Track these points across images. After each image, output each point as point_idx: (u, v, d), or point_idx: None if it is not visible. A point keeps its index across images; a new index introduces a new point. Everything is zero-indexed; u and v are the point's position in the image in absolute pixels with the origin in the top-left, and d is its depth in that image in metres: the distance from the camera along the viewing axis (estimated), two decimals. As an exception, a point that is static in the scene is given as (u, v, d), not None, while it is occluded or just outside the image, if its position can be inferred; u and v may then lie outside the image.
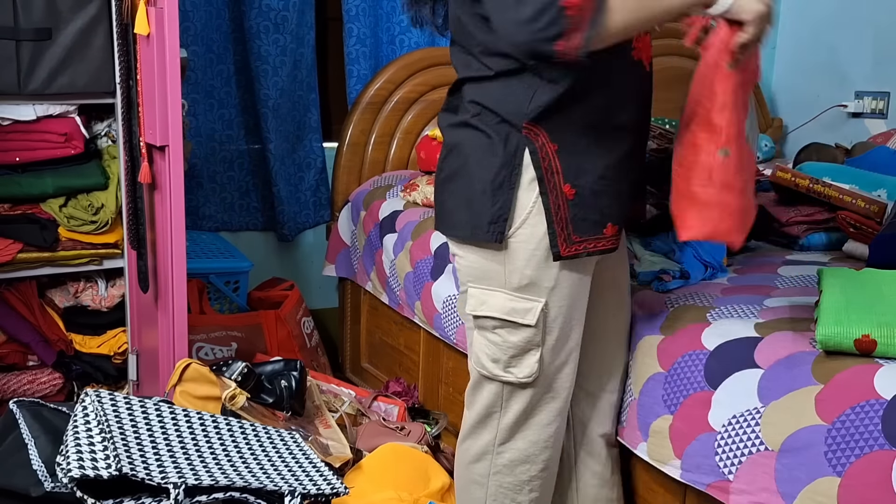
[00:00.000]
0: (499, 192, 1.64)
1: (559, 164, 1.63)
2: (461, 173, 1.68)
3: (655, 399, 1.85)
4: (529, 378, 1.73)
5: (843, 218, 2.41)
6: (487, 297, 1.71)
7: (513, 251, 1.67)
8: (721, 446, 1.69)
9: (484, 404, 1.80)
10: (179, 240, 2.25)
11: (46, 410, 1.87)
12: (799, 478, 1.56)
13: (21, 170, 2.44)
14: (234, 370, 2.15)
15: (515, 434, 1.80)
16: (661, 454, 1.82)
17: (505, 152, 1.63)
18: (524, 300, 1.68)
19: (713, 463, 1.70)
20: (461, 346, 2.52)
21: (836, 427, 1.53)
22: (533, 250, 1.66)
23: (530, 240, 1.66)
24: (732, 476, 1.66)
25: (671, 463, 1.80)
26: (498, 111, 1.64)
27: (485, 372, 1.77)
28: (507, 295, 1.69)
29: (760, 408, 1.64)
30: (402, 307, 2.86)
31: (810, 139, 3.72)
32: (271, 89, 3.21)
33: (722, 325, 1.82)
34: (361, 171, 3.34)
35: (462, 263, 1.76)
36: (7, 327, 2.53)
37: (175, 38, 2.14)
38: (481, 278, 1.72)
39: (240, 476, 1.67)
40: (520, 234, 1.66)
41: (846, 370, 1.58)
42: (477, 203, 1.66)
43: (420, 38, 3.48)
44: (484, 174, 1.65)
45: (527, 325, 1.69)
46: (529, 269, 1.67)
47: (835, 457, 1.52)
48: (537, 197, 1.64)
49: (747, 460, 1.64)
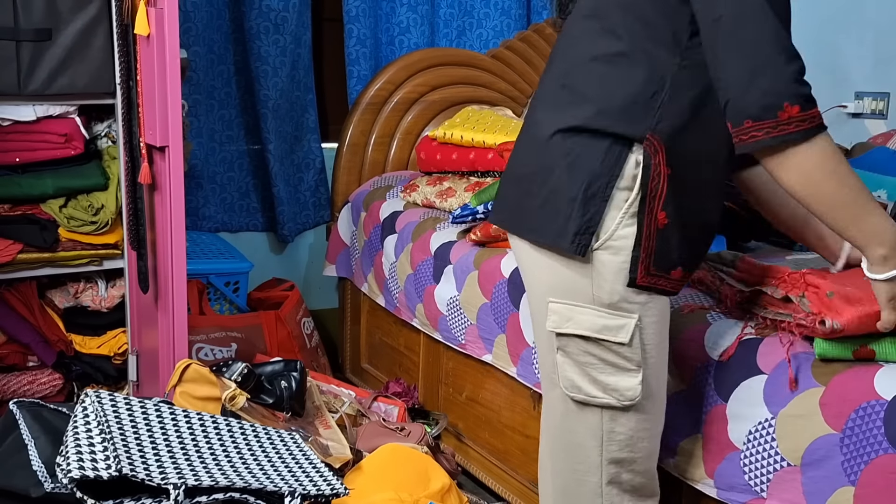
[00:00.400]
0: (591, 202, 1.47)
1: (665, 188, 1.47)
2: (551, 172, 1.52)
3: (681, 417, 1.81)
4: (633, 401, 1.55)
5: (843, 218, 2.40)
6: (573, 314, 1.54)
7: (600, 264, 1.50)
8: (747, 465, 1.68)
9: (584, 436, 1.60)
10: (179, 240, 2.25)
11: (46, 411, 1.87)
12: (823, 490, 1.55)
13: (21, 170, 2.44)
14: (234, 371, 2.15)
15: (624, 468, 1.60)
16: (692, 472, 1.77)
17: (606, 158, 1.47)
18: (615, 317, 1.52)
19: (744, 482, 1.68)
20: (469, 350, 2.52)
21: (846, 434, 1.53)
22: (622, 262, 1.49)
23: (619, 252, 1.49)
24: (766, 493, 1.65)
25: (704, 481, 1.76)
26: (616, 114, 1.48)
27: (579, 396, 1.57)
28: (597, 311, 1.52)
29: (771, 419, 1.64)
30: (399, 310, 2.86)
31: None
32: (271, 90, 3.21)
33: (722, 326, 1.82)
34: (361, 171, 3.34)
35: (536, 273, 1.60)
36: (7, 328, 2.53)
37: (175, 38, 2.14)
38: (564, 292, 1.55)
39: (240, 477, 1.66)
40: (610, 245, 1.49)
41: (846, 371, 1.58)
42: (565, 208, 1.50)
43: (420, 39, 3.49)
44: (578, 177, 1.48)
45: (620, 343, 1.52)
46: (619, 284, 1.50)
47: (849, 465, 1.52)
48: (633, 215, 1.48)
49: (775, 477, 1.63)
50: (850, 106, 3.69)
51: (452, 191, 2.81)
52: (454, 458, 2.53)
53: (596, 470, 1.59)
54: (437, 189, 2.87)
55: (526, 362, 2.30)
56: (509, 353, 2.36)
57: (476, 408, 2.59)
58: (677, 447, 1.82)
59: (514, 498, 2.44)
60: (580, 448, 1.60)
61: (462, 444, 2.64)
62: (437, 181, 2.91)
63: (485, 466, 2.55)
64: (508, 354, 2.36)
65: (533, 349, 2.28)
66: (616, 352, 1.53)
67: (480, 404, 2.56)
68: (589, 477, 1.60)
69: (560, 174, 1.50)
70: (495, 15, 3.64)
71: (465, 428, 2.65)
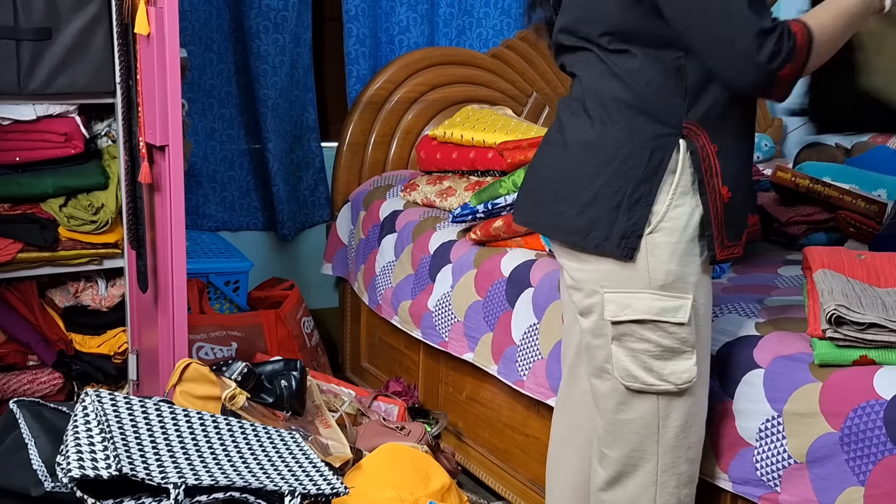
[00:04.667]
0: (636, 207, 1.53)
1: (718, 164, 1.55)
2: (593, 177, 1.56)
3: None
4: (690, 383, 1.58)
5: (843, 218, 2.41)
6: (631, 301, 1.57)
7: (654, 247, 1.55)
8: (759, 460, 1.69)
9: (639, 424, 1.62)
10: (179, 240, 2.25)
11: (46, 410, 1.87)
12: (832, 487, 1.56)
13: (21, 170, 2.44)
14: (234, 370, 2.15)
15: (679, 454, 1.63)
16: (707, 468, 1.77)
17: (652, 157, 1.53)
18: (672, 298, 1.56)
19: (757, 477, 1.70)
20: (450, 348, 2.55)
21: (845, 434, 1.54)
22: (675, 244, 1.55)
23: (672, 233, 1.54)
24: (779, 488, 1.66)
25: (720, 476, 1.77)
26: (647, 109, 1.54)
27: (635, 385, 1.60)
28: (654, 294, 1.56)
29: (777, 416, 1.65)
30: (380, 308, 2.86)
31: (810, 139, 3.72)
32: (270, 89, 3.21)
33: (722, 323, 1.82)
34: (361, 170, 3.34)
35: (580, 276, 1.63)
36: (7, 327, 2.53)
37: (175, 37, 2.14)
38: (617, 282, 1.58)
39: (240, 476, 1.66)
40: (661, 227, 1.54)
41: (844, 369, 1.59)
42: (608, 214, 1.55)
43: (419, 38, 3.48)
44: (619, 183, 1.54)
45: (679, 324, 1.56)
46: (674, 264, 1.55)
47: (856, 465, 1.53)
48: (683, 194, 1.54)
49: (785, 473, 1.64)
50: (850, 105, 3.68)
51: (452, 190, 2.81)
52: (454, 458, 2.53)
53: (652, 457, 1.62)
54: (437, 188, 2.87)
55: (508, 360, 2.30)
56: (492, 352, 2.37)
57: (476, 407, 2.59)
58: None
59: (514, 497, 2.44)
60: (635, 436, 1.63)
61: (462, 444, 2.64)
62: (437, 180, 2.91)
63: (485, 465, 2.56)
64: (491, 353, 2.37)
65: (518, 347, 2.28)
66: (673, 334, 1.57)
67: (480, 403, 2.57)
68: (644, 464, 1.63)
69: (602, 179, 1.55)
70: (495, 14, 3.64)
71: (465, 427, 2.65)
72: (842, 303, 1.60)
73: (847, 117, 2.21)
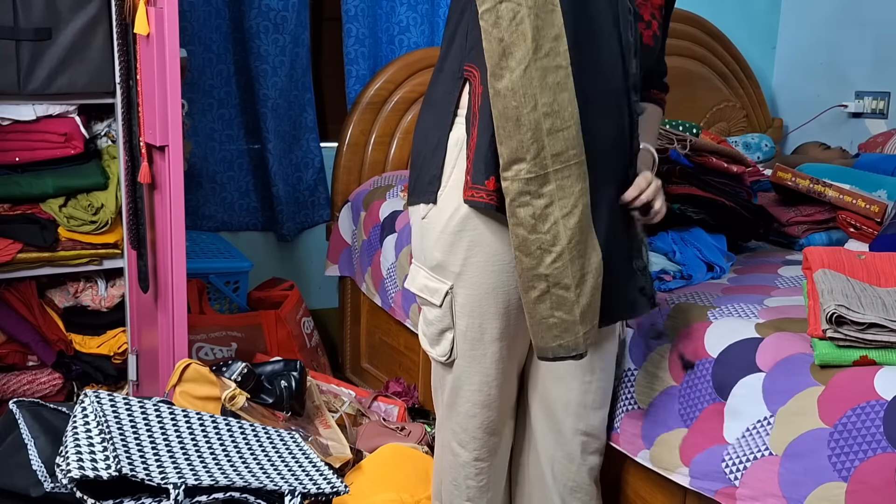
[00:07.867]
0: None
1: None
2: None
3: (671, 413, 1.83)
4: (443, 358, 1.77)
5: (843, 218, 2.41)
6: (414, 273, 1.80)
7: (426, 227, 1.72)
8: (729, 454, 1.69)
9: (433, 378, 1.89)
10: (179, 240, 2.25)
11: (46, 411, 1.87)
12: (804, 482, 1.55)
13: (21, 170, 2.44)
14: (234, 370, 2.15)
15: (449, 415, 1.83)
16: (667, 462, 1.81)
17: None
18: (436, 280, 1.72)
19: (720, 470, 1.69)
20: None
21: (837, 430, 1.53)
22: (439, 232, 1.69)
23: (438, 219, 1.68)
24: (738, 482, 1.66)
25: (678, 471, 1.78)
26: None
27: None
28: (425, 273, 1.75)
29: (770, 417, 1.64)
30: (394, 310, 2.86)
31: (810, 139, 3.72)
32: (270, 89, 3.20)
33: (722, 324, 1.82)
34: (361, 171, 3.34)
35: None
36: (7, 327, 2.53)
37: (175, 38, 2.13)
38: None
39: (240, 476, 1.66)
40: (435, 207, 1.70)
41: (845, 371, 1.58)
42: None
43: (419, 39, 3.48)
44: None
45: (435, 305, 1.73)
46: (438, 250, 1.70)
47: (839, 461, 1.52)
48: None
49: (752, 465, 1.64)
50: (851, 105, 3.69)
51: (452, 190, 2.81)
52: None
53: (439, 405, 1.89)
54: (437, 188, 2.87)
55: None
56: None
57: (476, 407, 2.58)
58: (657, 439, 1.84)
59: (513, 497, 2.44)
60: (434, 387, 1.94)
61: (462, 444, 2.64)
62: (436, 181, 2.91)
63: (485, 466, 2.55)
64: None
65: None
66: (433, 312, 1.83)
67: (480, 404, 2.56)
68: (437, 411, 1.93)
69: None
70: (495, 14, 3.63)
71: (464, 427, 2.65)
72: (842, 303, 1.59)
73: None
